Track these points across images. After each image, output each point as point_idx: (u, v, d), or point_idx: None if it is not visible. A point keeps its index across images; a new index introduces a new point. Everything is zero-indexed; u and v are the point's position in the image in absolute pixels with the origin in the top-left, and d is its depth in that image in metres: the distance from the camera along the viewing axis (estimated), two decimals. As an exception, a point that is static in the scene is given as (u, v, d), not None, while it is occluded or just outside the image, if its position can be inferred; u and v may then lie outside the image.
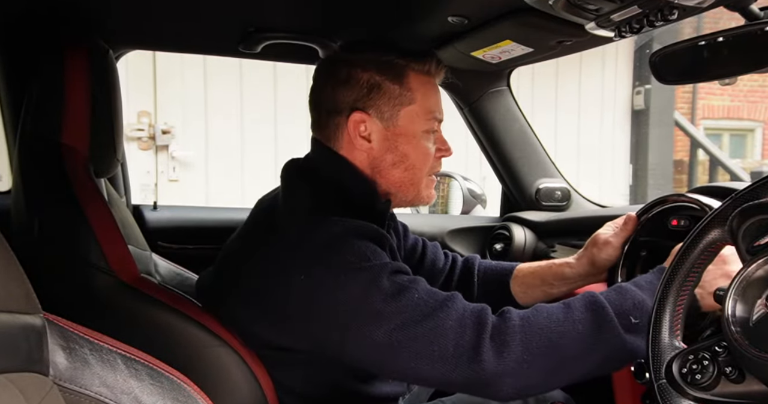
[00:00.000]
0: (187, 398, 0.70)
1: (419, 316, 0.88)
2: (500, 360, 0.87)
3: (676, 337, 0.80)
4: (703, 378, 0.73)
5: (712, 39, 0.91)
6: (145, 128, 4.48)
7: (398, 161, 1.05)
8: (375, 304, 0.89)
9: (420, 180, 1.08)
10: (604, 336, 0.89)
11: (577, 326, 0.90)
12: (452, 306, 0.91)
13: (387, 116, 1.03)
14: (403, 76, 1.03)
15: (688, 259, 0.80)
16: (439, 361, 0.88)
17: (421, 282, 0.94)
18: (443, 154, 1.11)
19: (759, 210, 0.74)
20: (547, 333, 0.89)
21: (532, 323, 0.90)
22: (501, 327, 0.89)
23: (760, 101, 7.43)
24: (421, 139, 1.05)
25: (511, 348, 0.87)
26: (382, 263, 0.93)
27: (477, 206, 2.03)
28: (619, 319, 0.90)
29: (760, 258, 0.73)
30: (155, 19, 1.33)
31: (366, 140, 1.03)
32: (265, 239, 1.00)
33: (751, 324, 0.71)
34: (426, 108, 1.05)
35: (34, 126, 1.10)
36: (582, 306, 0.92)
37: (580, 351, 0.89)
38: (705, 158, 6.57)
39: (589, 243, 1.20)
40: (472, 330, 0.88)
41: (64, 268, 1.01)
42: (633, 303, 0.92)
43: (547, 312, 0.91)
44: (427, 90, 1.06)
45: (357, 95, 1.03)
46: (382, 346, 0.88)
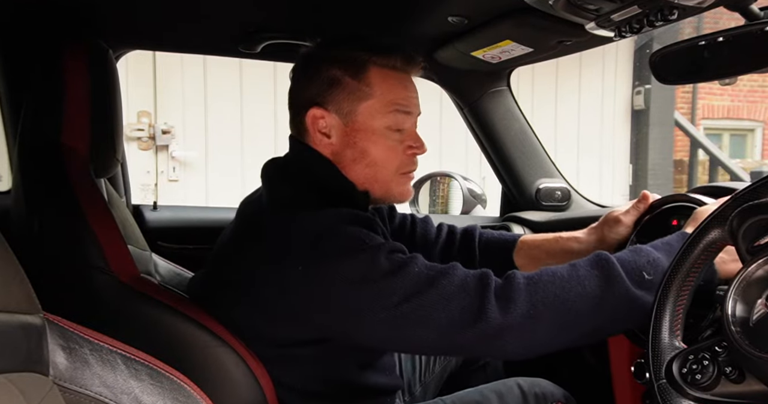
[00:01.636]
0: (187, 398, 0.70)
1: (421, 286, 0.89)
2: (506, 316, 0.87)
3: (676, 337, 0.80)
4: (703, 378, 0.73)
5: (712, 39, 0.91)
6: (145, 128, 4.48)
7: (358, 157, 1.03)
8: (376, 283, 0.89)
9: (387, 177, 1.05)
10: (612, 290, 0.89)
11: (582, 281, 0.90)
12: (453, 272, 0.91)
13: (346, 111, 1.02)
14: (364, 70, 1.01)
15: (688, 259, 0.80)
16: (447, 327, 0.88)
17: (419, 257, 0.94)
18: (415, 151, 1.07)
19: (759, 210, 0.74)
20: (552, 288, 0.89)
21: (537, 280, 0.90)
22: (505, 286, 0.90)
23: (760, 101, 7.43)
24: (382, 135, 1.03)
25: (517, 303, 0.87)
26: (377, 244, 0.93)
27: (477, 206, 2.03)
28: (629, 274, 0.90)
29: (760, 258, 0.73)
30: (155, 19, 1.33)
31: (325, 136, 1.03)
32: (255, 237, 1.00)
33: (751, 324, 0.71)
34: (387, 103, 1.02)
35: (33, 126, 1.10)
36: (587, 263, 0.92)
37: (588, 306, 0.89)
38: (705, 158, 6.57)
39: (600, 221, 1.20)
40: (476, 291, 0.89)
41: (63, 268, 1.01)
42: (647, 260, 0.91)
43: (552, 271, 0.92)
44: (391, 85, 1.03)
45: (317, 90, 1.02)
46: (388, 322, 0.89)
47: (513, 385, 1.22)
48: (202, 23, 1.36)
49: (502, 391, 1.20)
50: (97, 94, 1.11)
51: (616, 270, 0.90)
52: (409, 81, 1.07)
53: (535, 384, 1.23)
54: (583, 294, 0.89)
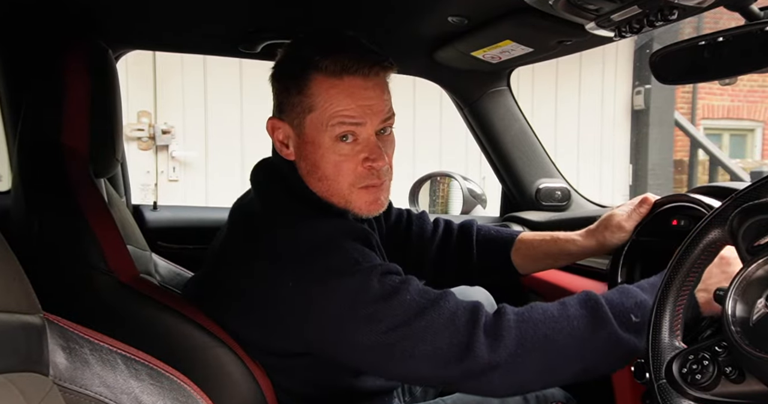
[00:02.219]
0: (187, 398, 0.70)
1: (411, 316, 0.88)
2: (493, 355, 0.86)
3: (676, 337, 0.80)
4: (703, 378, 0.73)
5: (712, 39, 0.91)
6: (145, 128, 4.48)
7: (311, 170, 0.98)
8: (367, 307, 0.88)
9: (342, 192, 0.98)
10: (601, 332, 0.88)
11: (572, 322, 0.89)
12: (444, 304, 0.89)
13: (296, 123, 0.97)
14: (304, 80, 0.94)
15: (688, 259, 0.80)
16: (434, 359, 0.87)
17: (413, 282, 0.92)
18: (371, 163, 0.96)
19: (759, 210, 0.74)
20: (542, 328, 0.88)
21: (527, 318, 0.89)
22: (495, 322, 0.88)
23: (760, 101, 7.43)
24: (329, 148, 0.95)
25: (505, 342, 0.86)
26: (371, 266, 0.91)
27: (477, 206, 2.03)
28: (616, 317, 0.89)
29: (760, 258, 0.73)
30: (155, 19, 1.33)
31: (285, 146, 1.01)
32: (249, 245, 0.98)
33: (751, 324, 0.71)
34: (330, 114, 0.94)
35: (33, 126, 1.10)
36: (577, 303, 0.91)
37: (576, 348, 0.88)
38: (705, 158, 6.57)
39: (601, 223, 1.18)
40: (465, 326, 0.87)
41: (63, 268, 1.01)
42: (635, 302, 0.91)
43: (542, 309, 0.90)
44: (332, 95, 0.93)
45: (276, 100, 1.00)
46: (377, 348, 0.88)
47: None
48: (201, 23, 1.36)
49: None
50: (97, 94, 1.11)
51: (604, 312, 0.89)
52: (362, 85, 0.95)
53: (535, 384, 1.22)
54: (572, 335, 0.88)
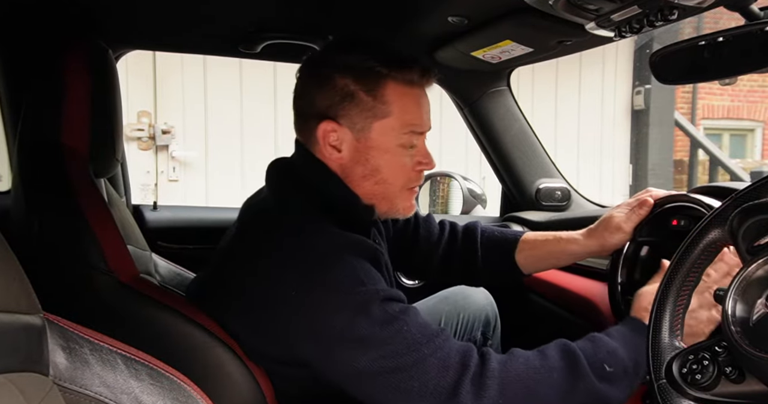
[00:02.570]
0: (187, 398, 0.70)
1: (404, 349, 0.87)
2: (478, 403, 0.86)
3: (676, 337, 0.80)
4: (703, 378, 0.73)
5: (712, 39, 0.91)
6: (145, 128, 4.48)
7: (369, 174, 1.00)
8: (362, 330, 0.87)
9: (394, 194, 1.03)
10: (579, 384, 0.89)
11: (552, 374, 0.89)
12: (439, 343, 0.89)
13: (359, 127, 0.98)
14: (380, 87, 0.97)
15: (688, 259, 0.80)
16: (418, 397, 0.86)
17: (412, 313, 0.91)
18: (423, 167, 1.04)
19: (759, 210, 0.74)
20: (524, 378, 0.88)
21: (509, 368, 0.88)
22: (481, 370, 0.88)
23: (760, 101, 7.43)
24: (395, 153, 0.99)
25: (489, 392, 0.86)
26: (375, 289, 0.90)
27: (477, 206, 2.03)
28: (592, 368, 0.90)
29: (760, 258, 0.73)
30: (155, 19, 1.33)
31: (336, 150, 0.99)
32: (257, 244, 0.98)
33: (751, 324, 0.71)
34: (404, 122, 0.98)
35: (33, 126, 1.10)
36: (557, 354, 0.91)
37: (555, 399, 0.89)
38: (705, 158, 6.57)
39: (600, 224, 1.18)
40: (455, 370, 0.87)
41: (63, 268, 1.01)
42: (606, 351, 0.92)
43: (524, 358, 0.90)
44: (407, 103, 0.99)
45: (330, 102, 0.98)
46: (363, 373, 0.87)
47: None
48: (202, 23, 1.36)
49: None
50: (97, 94, 1.11)
51: (582, 364, 0.90)
52: (424, 96, 1.02)
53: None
54: (552, 387, 0.88)
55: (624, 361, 0.92)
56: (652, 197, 1.15)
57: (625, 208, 1.17)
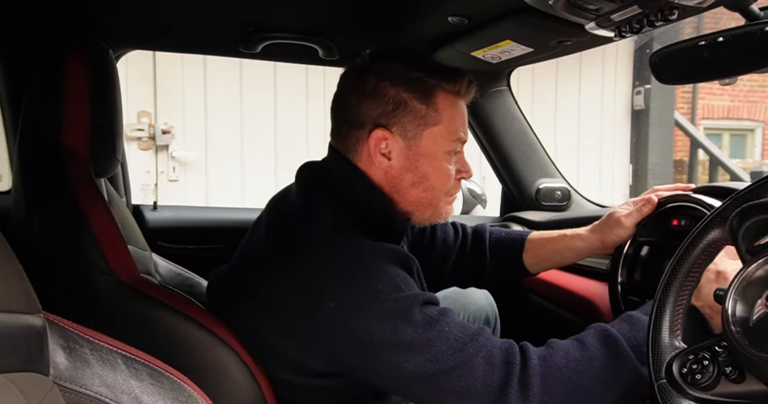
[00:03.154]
0: (188, 398, 0.70)
1: (450, 350, 0.87)
2: (524, 402, 0.86)
3: (676, 337, 0.80)
4: (703, 378, 0.73)
5: (712, 39, 0.91)
6: (145, 128, 4.48)
7: (418, 181, 1.02)
8: (406, 335, 0.87)
9: (438, 200, 1.05)
10: (622, 371, 0.88)
11: (594, 363, 0.89)
12: (482, 341, 0.89)
13: (410, 135, 1.00)
14: (432, 95, 1.00)
15: (688, 259, 0.80)
16: (466, 397, 0.87)
17: (451, 314, 0.92)
18: (463, 176, 1.07)
19: (759, 210, 0.74)
20: (566, 372, 0.88)
21: (550, 364, 0.88)
22: (523, 366, 0.88)
23: (760, 101, 7.43)
24: (443, 160, 1.02)
25: (534, 390, 0.86)
26: (413, 294, 0.91)
27: (477, 206, 2.03)
28: (634, 351, 0.89)
29: (760, 258, 0.73)
30: (155, 19, 1.33)
31: (386, 158, 1.01)
32: (289, 253, 0.97)
33: (751, 324, 0.71)
34: (451, 130, 1.02)
35: (34, 126, 1.10)
36: (597, 341, 0.91)
37: (599, 388, 0.88)
38: (705, 158, 6.57)
39: (602, 220, 1.20)
40: (501, 369, 0.87)
41: (63, 268, 1.01)
42: (644, 333, 0.88)
43: (564, 351, 0.90)
44: (455, 112, 1.02)
45: (382, 111, 0.99)
46: (411, 377, 0.88)
47: None
48: (202, 23, 1.36)
49: None
50: (97, 94, 1.11)
51: (623, 349, 0.89)
52: (464, 107, 1.05)
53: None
54: (596, 377, 0.88)
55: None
56: (657, 197, 1.15)
57: (630, 206, 1.18)
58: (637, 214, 1.16)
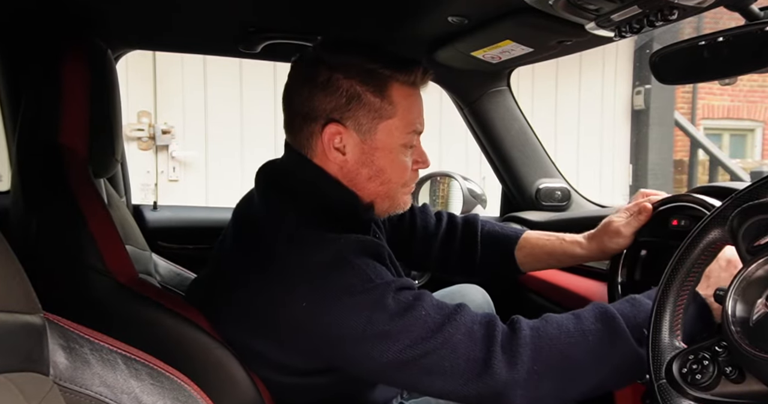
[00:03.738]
0: (188, 398, 0.70)
1: (428, 332, 0.87)
2: (511, 372, 0.86)
3: (676, 337, 0.80)
4: (703, 378, 0.73)
5: (712, 39, 0.91)
6: (145, 128, 4.48)
7: (374, 175, 1.00)
8: (382, 325, 0.87)
9: (395, 192, 1.04)
10: (617, 347, 0.88)
11: (587, 337, 0.88)
12: (460, 319, 0.89)
13: (365, 129, 0.98)
14: (386, 88, 0.97)
15: (688, 259, 0.80)
16: (452, 376, 0.87)
17: (426, 297, 0.92)
18: (420, 166, 1.06)
19: (759, 210, 0.74)
20: (557, 343, 0.87)
21: (542, 334, 0.88)
22: (511, 338, 0.88)
23: (760, 101, 7.43)
24: (399, 153, 1.01)
25: (522, 359, 0.86)
26: (385, 283, 0.90)
27: (477, 206, 2.03)
28: (632, 331, 0.88)
29: (760, 258, 0.73)
30: (155, 19, 1.33)
31: (340, 153, 0.98)
32: (257, 261, 0.96)
33: (751, 324, 0.71)
34: (407, 122, 1.00)
35: (32, 126, 1.10)
36: (593, 316, 0.90)
37: (592, 363, 0.88)
38: (705, 158, 6.57)
39: (600, 228, 1.19)
40: (482, 342, 0.87)
41: (61, 269, 1.01)
42: (646, 316, 0.88)
43: (557, 323, 0.90)
44: (410, 103, 1.00)
45: (335, 104, 0.97)
46: (394, 364, 0.87)
47: None
48: (202, 23, 1.36)
49: None
50: (97, 94, 1.11)
51: (621, 327, 0.88)
52: (420, 98, 1.03)
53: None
54: (589, 351, 0.88)
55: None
56: (650, 202, 1.15)
57: (625, 213, 1.17)
58: (635, 222, 1.16)
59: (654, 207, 1.16)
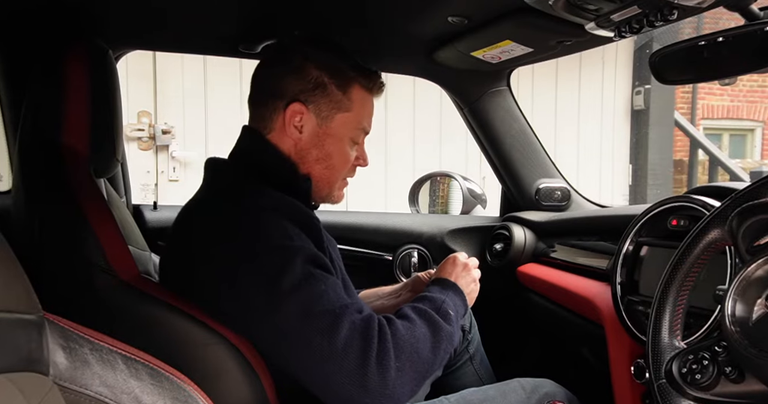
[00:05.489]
0: (188, 398, 0.70)
1: (319, 308, 0.92)
2: (383, 369, 0.92)
3: (675, 337, 0.80)
4: (703, 377, 0.74)
5: (712, 39, 0.91)
6: (145, 128, 4.48)
7: (322, 158, 1.11)
8: (282, 285, 0.92)
9: (335, 181, 1.15)
10: (440, 332, 1.01)
11: (421, 329, 0.99)
12: (352, 310, 0.95)
13: (324, 115, 1.09)
14: (349, 86, 1.10)
15: (688, 259, 0.80)
16: (328, 360, 0.91)
17: (331, 281, 0.97)
18: (360, 164, 1.18)
19: (759, 210, 0.74)
20: (408, 341, 0.97)
21: (398, 334, 0.96)
22: (381, 339, 0.94)
23: (760, 101, 7.43)
24: (346, 144, 1.13)
25: (389, 355, 0.93)
26: (300, 246, 0.96)
27: (477, 206, 2.03)
28: (442, 317, 1.03)
29: (760, 258, 0.73)
30: (155, 19, 1.33)
31: (297, 130, 1.09)
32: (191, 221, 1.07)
33: (751, 324, 0.71)
34: (359, 119, 1.12)
35: (33, 126, 1.10)
36: (415, 315, 1.02)
37: (431, 350, 0.99)
38: (705, 158, 6.57)
39: (411, 282, 1.34)
40: (362, 339, 0.92)
41: (64, 268, 1.01)
42: (441, 301, 1.07)
43: (403, 325, 0.98)
44: (365, 104, 1.13)
45: (303, 88, 1.08)
46: (280, 329, 0.92)
47: (516, 386, 1.22)
48: (201, 23, 1.36)
49: (505, 391, 1.21)
50: (97, 94, 1.11)
51: (434, 317, 1.02)
52: (373, 102, 1.16)
53: (537, 384, 1.23)
54: (426, 341, 0.99)
55: (453, 305, 1.08)
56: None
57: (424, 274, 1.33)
58: None
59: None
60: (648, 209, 1.18)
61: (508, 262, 1.72)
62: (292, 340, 0.92)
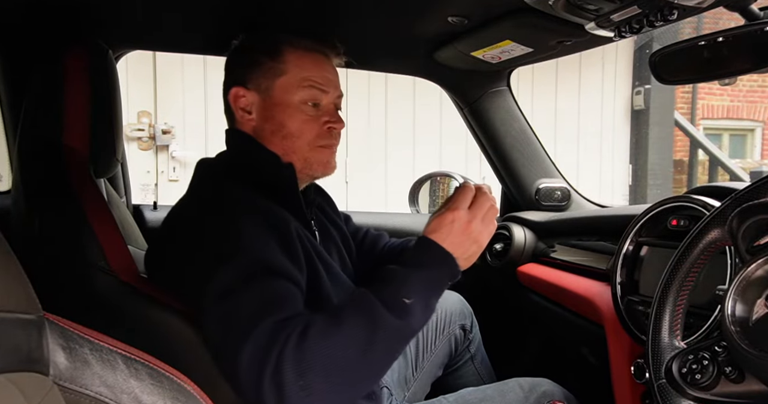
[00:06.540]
0: (188, 398, 0.70)
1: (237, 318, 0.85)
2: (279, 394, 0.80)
3: (675, 337, 0.80)
4: (703, 377, 0.74)
5: (712, 39, 0.91)
6: (145, 128, 4.48)
7: (276, 129, 1.08)
8: (216, 287, 0.87)
9: (303, 149, 1.08)
10: (379, 332, 0.84)
11: (348, 338, 0.84)
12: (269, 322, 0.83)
13: (263, 87, 1.08)
14: (278, 51, 1.08)
15: (688, 259, 0.80)
16: (231, 369, 0.84)
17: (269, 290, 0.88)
18: (332, 125, 1.10)
19: (759, 210, 0.74)
20: (321, 350, 0.82)
21: (303, 348, 0.81)
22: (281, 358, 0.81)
23: (760, 101, 7.43)
24: (297, 108, 1.08)
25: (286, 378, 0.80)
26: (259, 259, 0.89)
27: (477, 206, 2.03)
28: (391, 310, 0.85)
29: (760, 258, 0.73)
30: (155, 19, 1.33)
31: (247, 113, 1.09)
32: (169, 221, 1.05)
33: (751, 324, 0.71)
34: (301, 78, 1.07)
35: (33, 126, 1.10)
36: (352, 312, 0.86)
37: (363, 359, 0.84)
38: (705, 158, 6.57)
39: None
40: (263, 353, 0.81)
41: (64, 268, 1.01)
42: (402, 284, 0.89)
43: (316, 332, 0.83)
44: (303, 62, 1.09)
45: (239, 72, 1.10)
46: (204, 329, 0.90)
47: (514, 385, 1.22)
48: (202, 23, 1.36)
49: (504, 390, 1.21)
50: (97, 94, 1.11)
51: (378, 311, 0.85)
52: (325, 62, 1.12)
53: (535, 384, 1.23)
54: (356, 353, 0.83)
55: (421, 285, 0.90)
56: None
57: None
58: None
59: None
60: (648, 209, 1.18)
61: (508, 262, 1.72)
62: (210, 341, 0.90)
